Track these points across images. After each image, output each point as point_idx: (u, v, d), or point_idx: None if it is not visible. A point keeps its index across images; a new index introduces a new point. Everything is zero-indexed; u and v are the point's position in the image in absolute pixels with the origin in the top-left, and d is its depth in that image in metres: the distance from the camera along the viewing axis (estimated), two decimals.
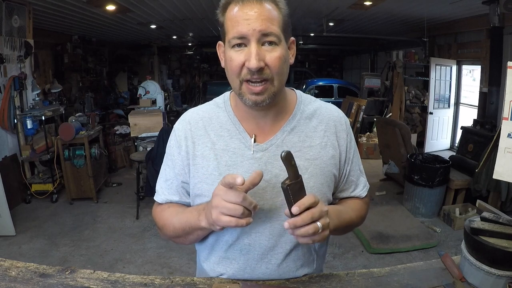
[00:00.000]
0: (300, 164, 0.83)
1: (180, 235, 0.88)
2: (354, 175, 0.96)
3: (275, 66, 0.76)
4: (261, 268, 0.88)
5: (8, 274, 0.87)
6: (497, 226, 0.87)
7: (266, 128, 0.87)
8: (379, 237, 3.28)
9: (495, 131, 3.73)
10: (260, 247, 0.87)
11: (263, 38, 0.75)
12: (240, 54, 0.76)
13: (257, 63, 0.74)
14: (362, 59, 11.34)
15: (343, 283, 0.89)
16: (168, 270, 2.91)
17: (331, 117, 0.92)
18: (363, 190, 0.99)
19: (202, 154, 0.87)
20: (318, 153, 0.87)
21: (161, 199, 0.94)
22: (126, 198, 4.43)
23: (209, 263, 0.93)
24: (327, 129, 0.90)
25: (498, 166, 0.89)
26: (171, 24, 6.48)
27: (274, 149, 0.85)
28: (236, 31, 0.75)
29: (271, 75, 0.77)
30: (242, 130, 0.87)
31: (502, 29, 4.62)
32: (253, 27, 0.73)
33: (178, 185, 0.92)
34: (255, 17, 0.74)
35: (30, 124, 4.16)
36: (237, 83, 0.79)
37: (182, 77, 12.90)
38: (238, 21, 0.74)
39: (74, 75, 6.89)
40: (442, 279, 0.90)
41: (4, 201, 3.32)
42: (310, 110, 0.91)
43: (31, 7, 4.23)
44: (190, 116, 0.92)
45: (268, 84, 0.77)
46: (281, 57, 0.77)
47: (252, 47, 0.74)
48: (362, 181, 0.99)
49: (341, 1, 4.90)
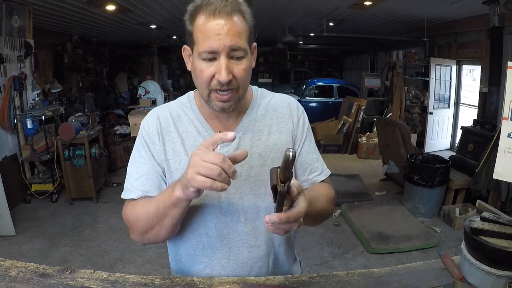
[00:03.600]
0: (261, 151, 0.92)
1: (154, 224, 0.82)
2: (308, 157, 0.98)
3: (241, 77, 0.82)
4: (244, 253, 0.92)
5: (8, 274, 0.87)
6: (497, 226, 0.87)
7: (229, 125, 0.93)
8: (379, 237, 3.28)
9: (495, 131, 3.74)
10: (238, 234, 0.92)
11: (231, 53, 0.79)
12: (210, 67, 0.80)
13: (227, 77, 0.79)
14: (362, 59, 11.35)
15: (343, 283, 0.89)
16: (168, 270, 2.88)
17: (283, 104, 0.99)
18: (321, 175, 0.99)
19: (173, 149, 0.91)
20: (277, 138, 0.94)
21: (136, 195, 0.89)
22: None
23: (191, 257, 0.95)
24: (281, 115, 0.97)
25: (498, 166, 0.89)
26: (171, 24, 6.48)
27: (237, 141, 0.91)
28: (208, 46, 0.78)
29: (237, 85, 0.83)
30: (208, 128, 0.92)
31: (502, 29, 4.62)
32: (224, 42, 0.77)
33: (156, 177, 0.90)
34: (225, 32, 0.77)
35: (30, 124, 4.16)
36: (205, 91, 0.84)
37: (182, 77, 12.90)
38: (209, 35, 0.77)
39: (74, 75, 6.89)
40: (442, 279, 0.90)
41: (4, 201, 3.33)
42: (265, 102, 0.98)
43: (31, 7, 4.23)
44: (158, 112, 0.96)
45: (234, 93, 0.83)
46: (247, 68, 0.83)
47: (222, 61, 0.78)
48: (320, 166, 1.00)
49: (341, 1, 4.90)
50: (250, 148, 0.91)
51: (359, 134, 6.56)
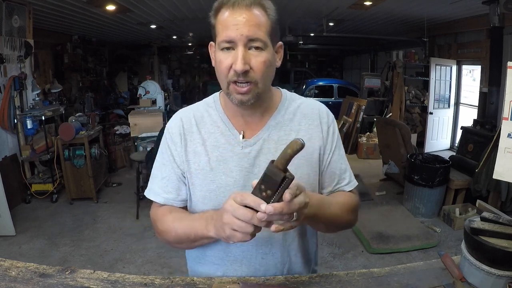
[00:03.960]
0: None
1: (183, 242, 0.90)
2: (336, 168, 0.97)
3: (260, 70, 0.81)
4: (257, 258, 0.92)
5: (8, 274, 0.87)
6: (497, 226, 0.87)
7: (253, 125, 0.92)
8: (379, 237, 3.28)
9: (495, 131, 3.73)
10: (255, 240, 0.88)
11: (249, 43, 0.80)
12: (228, 57, 0.81)
13: (242, 66, 0.78)
14: (362, 59, 11.34)
15: (343, 283, 0.89)
16: (168, 270, 2.91)
17: (313, 111, 0.96)
18: (348, 185, 0.98)
19: (194, 150, 0.92)
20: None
21: (160, 200, 0.95)
22: (126, 198, 4.43)
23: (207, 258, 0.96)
24: (310, 122, 0.95)
25: (498, 166, 0.89)
26: (171, 24, 6.48)
27: (261, 143, 0.90)
28: (225, 35, 0.79)
29: (255, 78, 0.82)
30: (232, 127, 0.92)
31: (502, 29, 4.62)
32: (241, 32, 0.78)
33: (176, 180, 0.93)
34: (243, 22, 0.78)
35: (30, 124, 4.16)
36: (225, 83, 0.84)
37: (182, 77, 12.90)
38: (227, 26, 0.79)
39: (74, 75, 6.89)
40: (442, 279, 0.90)
41: (4, 201, 3.33)
42: (295, 106, 0.96)
43: (31, 7, 4.23)
44: (182, 114, 0.97)
45: (253, 86, 0.82)
46: (266, 61, 0.82)
47: (239, 51, 0.79)
48: (347, 177, 0.99)
49: (341, 1, 4.90)
50: (275, 151, 0.89)
51: (359, 134, 6.56)
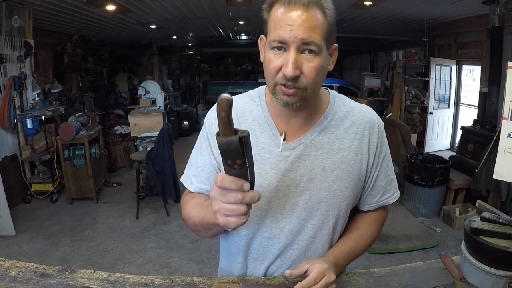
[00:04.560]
0: (326, 166, 0.85)
1: (199, 230, 0.88)
2: (383, 180, 0.94)
3: (311, 76, 0.76)
4: (278, 262, 0.92)
5: (8, 274, 0.86)
6: (497, 226, 0.87)
7: (296, 128, 0.87)
8: (379, 237, 3.25)
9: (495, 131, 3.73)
10: (278, 243, 0.90)
11: (303, 46, 0.74)
12: (278, 58, 0.75)
13: (293, 72, 0.73)
14: (362, 59, 11.33)
15: (343, 283, 0.89)
16: (168, 270, 2.91)
17: (363, 120, 0.90)
18: (392, 197, 0.96)
19: None
20: (346, 156, 0.87)
21: (193, 188, 0.94)
22: (126, 198, 4.43)
23: (232, 254, 0.96)
24: (358, 131, 0.88)
25: (498, 166, 0.89)
26: (171, 24, 6.48)
27: (302, 148, 0.86)
28: (278, 35, 0.74)
29: (305, 84, 0.76)
30: (274, 127, 0.88)
31: (502, 29, 4.61)
32: (295, 34, 0.72)
33: (211, 171, 0.92)
34: (299, 23, 0.72)
35: (30, 124, 4.16)
36: (271, 84, 0.79)
37: (182, 77, 12.88)
38: (281, 25, 0.73)
39: (74, 75, 6.89)
40: (442, 279, 0.90)
41: (4, 201, 3.32)
42: (343, 111, 0.90)
43: (31, 7, 4.23)
44: None
45: (301, 91, 0.77)
46: (319, 67, 0.76)
47: (291, 54, 0.73)
48: (393, 188, 0.96)
49: (341, 1, 4.89)
50: (315, 159, 0.85)
51: None
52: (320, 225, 0.89)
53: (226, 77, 13.00)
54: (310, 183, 0.85)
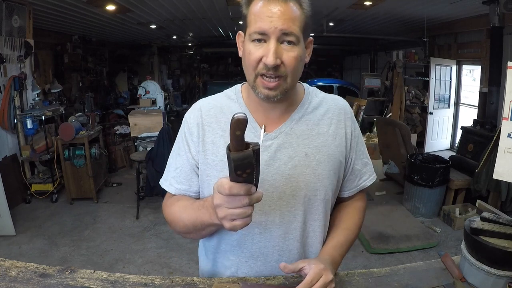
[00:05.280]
0: (308, 151, 0.88)
1: (191, 232, 0.88)
2: (359, 164, 0.98)
3: (291, 65, 0.79)
4: (274, 255, 0.91)
5: (8, 274, 0.86)
6: (497, 226, 0.87)
7: (275, 119, 0.90)
8: (379, 237, 3.28)
9: (495, 131, 3.73)
10: (270, 235, 0.89)
11: (283, 37, 0.77)
12: (259, 49, 0.78)
13: (274, 60, 0.76)
14: (362, 59, 11.33)
15: (343, 283, 0.89)
16: (168, 270, 2.91)
17: (336, 106, 0.95)
18: (369, 179, 1.00)
19: (212, 141, 0.90)
20: (326, 140, 0.91)
21: (172, 189, 0.95)
22: (126, 198, 4.43)
23: (220, 253, 0.95)
24: (333, 117, 0.93)
25: (498, 166, 0.89)
26: (171, 24, 6.48)
27: (283, 137, 0.88)
28: (258, 27, 0.77)
29: (285, 73, 0.80)
30: (252, 120, 0.90)
31: (502, 29, 4.62)
32: (275, 25, 0.76)
33: (189, 171, 0.93)
34: (278, 15, 0.76)
35: (30, 124, 4.16)
36: (252, 75, 0.81)
37: (182, 77, 12.88)
38: (261, 17, 0.77)
39: (74, 75, 6.89)
40: (442, 279, 0.90)
41: (4, 201, 3.33)
42: (317, 100, 0.94)
43: (31, 7, 4.23)
44: (201, 104, 0.95)
45: (282, 81, 0.80)
46: (298, 57, 0.80)
47: (271, 44, 0.77)
48: (368, 170, 1.00)
49: (341, 1, 4.90)
50: (297, 146, 0.88)
51: None
52: (310, 210, 0.90)
53: (226, 77, 13.00)
54: (295, 170, 0.87)
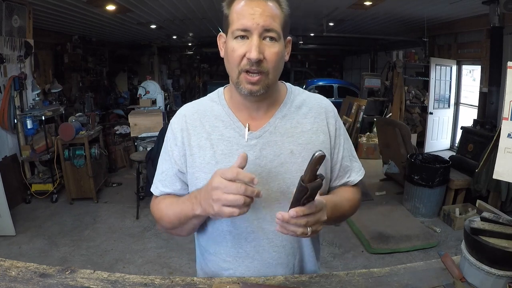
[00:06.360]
0: (293, 148, 0.90)
1: (176, 226, 0.91)
2: (347, 161, 1.00)
3: (273, 61, 0.82)
4: (270, 252, 0.91)
5: (8, 274, 0.87)
6: (497, 226, 0.87)
7: (259, 118, 0.92)
8: (379, 237, 3.28)
9: (495, 131, 3.73)
10: (264, 232, 0.90)
11: (264, 33, 0.81)
12: (242, 46, 0.81)
13: (257, 55, 0.79)
14: (362, 59, 11.34)
15: (343, 283, 0.89)
16: (168, 270, 2.91)
17: (319, 105, 0.97)
18: (358, 174, 1.01)
19: (198, 144, 0.91)
20: (310, 138, 0.92)
21: (157, 192, 0.98)
22: (126, 198, 4.43)
23: (216, 255, 0.95)
24: (316, 115, 0.95)
25: (498, 166, 0.89)
26: (171, 24, 6.48)
27: (267, 136, 0.90)
28: (241, 24, 0.80)
29: (267, 69, 0.82)
30: (236, 120, 0.91)
31: (502, 29, 4.62)
32: (257, 21, 0.79)
33: (173, 175, 0.94)
34: (260, 13, 0.79)
35: (30, 124, 4.16)
36: (235, 72, 0.84)
37: (182, 77, 12.90)
38: (243, 15, 0.80)
39: (74, 75, 6.89)
40: (442, 279, 0.90)
41: (4, 201, 3.32)
42: (300, 99, 0.97)
43: (31, 7, 4.23)
44: (185, 109, 0.97)
45: (264, 76, 0.83)
46: (279, 53, 0.83)
47: (254, 39, 0.80)
48: (356, 166, 1.02)
49: (341, 1, 4.90)
50: (282, 144, 0.90)
51: (359, 134, 6.56)
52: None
53: (226, 77, 12.91)
54: (281, 167, 0.89)
